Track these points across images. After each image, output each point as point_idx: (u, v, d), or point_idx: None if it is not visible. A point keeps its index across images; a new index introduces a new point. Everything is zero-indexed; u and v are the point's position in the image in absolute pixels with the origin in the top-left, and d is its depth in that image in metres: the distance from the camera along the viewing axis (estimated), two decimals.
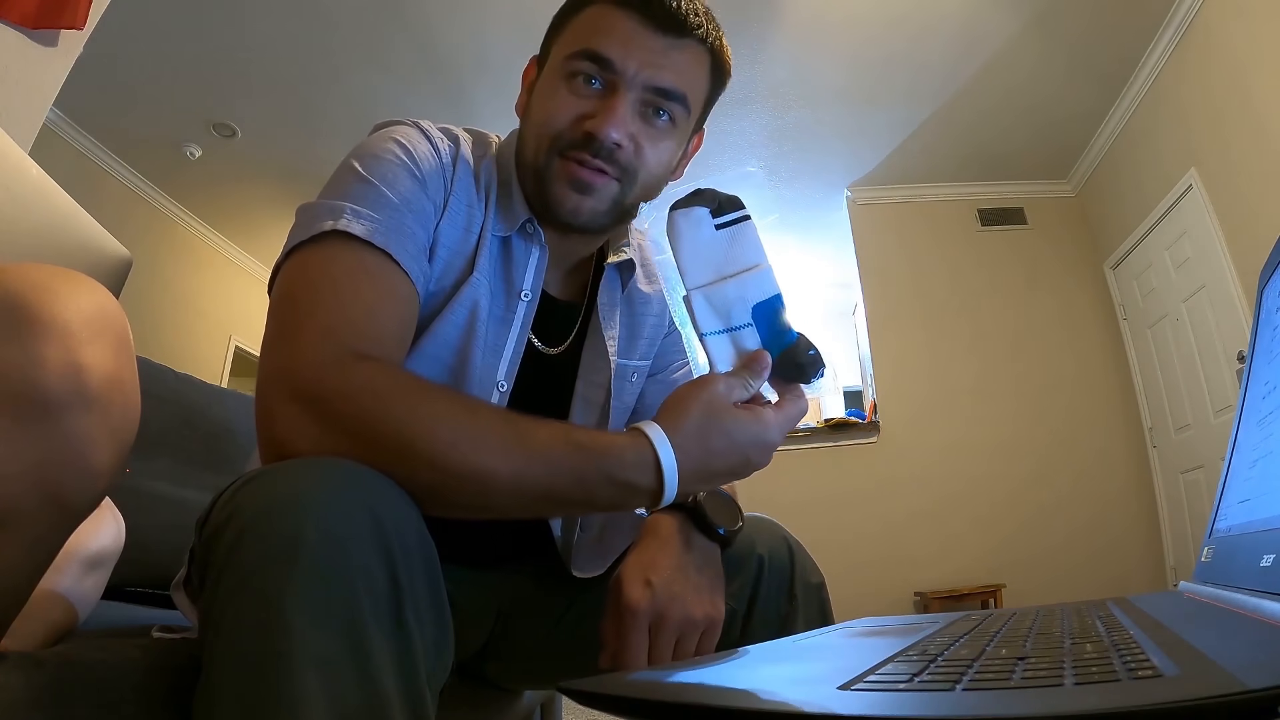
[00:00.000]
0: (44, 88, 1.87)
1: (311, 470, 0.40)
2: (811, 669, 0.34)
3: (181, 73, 3.31)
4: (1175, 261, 3.33)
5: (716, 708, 0.23)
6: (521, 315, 0.65)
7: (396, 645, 0.37)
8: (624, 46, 0.59)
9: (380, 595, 0.37)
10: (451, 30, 3.12)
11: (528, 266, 0.65)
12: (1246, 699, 0.16)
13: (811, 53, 3.28)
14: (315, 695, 0.33)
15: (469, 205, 0.64)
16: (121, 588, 0.92)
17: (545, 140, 0.61)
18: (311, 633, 0.34)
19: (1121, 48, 3.20)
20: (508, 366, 0.65)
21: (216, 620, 0.36)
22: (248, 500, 0.38)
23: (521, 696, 0.84)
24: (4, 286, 0.39)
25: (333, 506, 0.37)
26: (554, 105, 0.61)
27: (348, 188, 0.57)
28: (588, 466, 0.47)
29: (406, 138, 0.61)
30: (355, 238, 0.54)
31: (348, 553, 0.36)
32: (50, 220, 0.61)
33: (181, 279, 4.57)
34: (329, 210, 0.55)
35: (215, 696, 0.34)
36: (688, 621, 0.54)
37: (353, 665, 0.35)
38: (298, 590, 0.34)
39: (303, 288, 0.53)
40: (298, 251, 0.54)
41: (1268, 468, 0.45)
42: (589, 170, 0.60)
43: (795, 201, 4.55)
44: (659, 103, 0.61)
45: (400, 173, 0.59)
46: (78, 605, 0.66)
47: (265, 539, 0.36)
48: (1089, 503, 3.66)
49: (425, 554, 0.42)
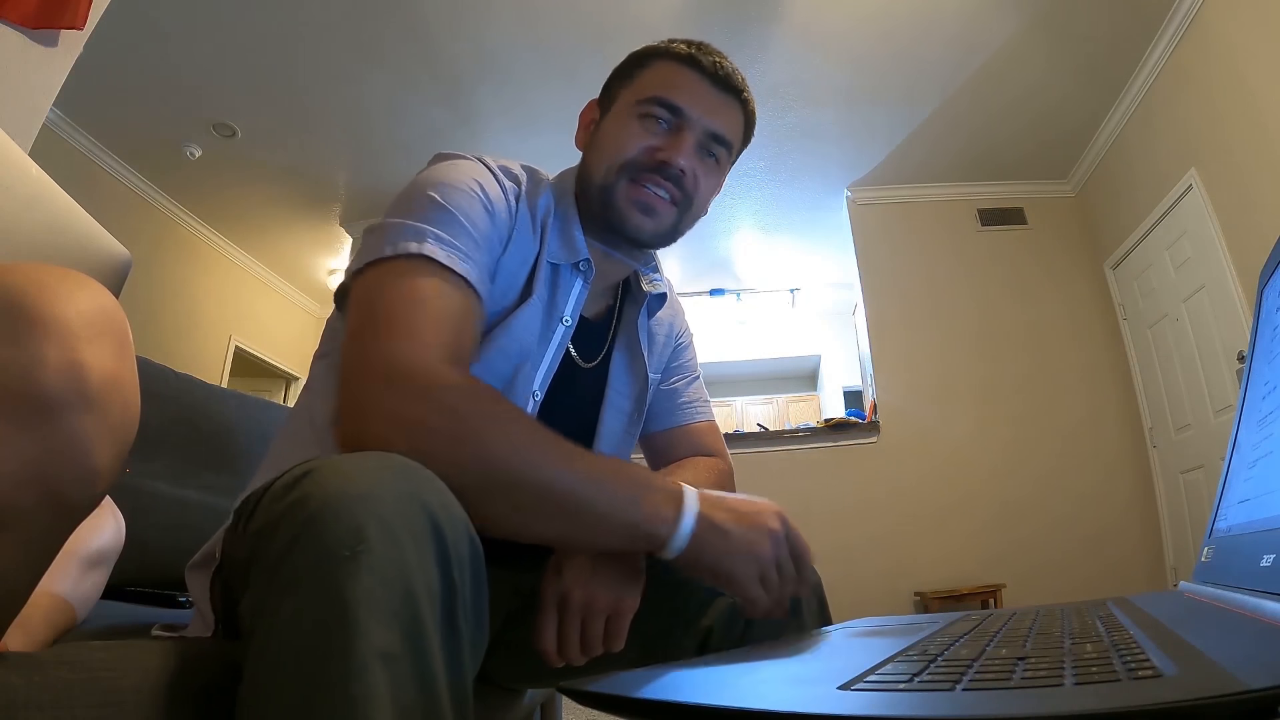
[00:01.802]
0: (44, 88, 1.87)
1: (370, 466, 0.40)
2: (811, 669, 0.35)
3: (181, 73, 3.31)
4: (1175, 261, 3.33)
5: (717, 708, 0.23)
6: (559, 336, 0.73)
7: (449, 644, 0.38)
8: (691, 97, 0.72)
9: (436, 594, 0.37)
10: (452, 31, 3.12)
11: (571, 295, 0.74)
12: (1246, 699, 0.16)
13: (811, 53, 3.28)
14: (380, 690, 0.33)
15: (527, 239, 0.71)
16: (121, 587, 0.92)
17: (616, 165, 0.72)
18: (376, 628, 0.34)
19: (1121, 48, 3.21)
20: (543, 378, 0.72)
21: (273, 613, 0.36)
22: (308, 496, 0.38)
23: (522, 696, 0.85)
24: (4, 286, 0.39)
25: (394, 504, 0.38)
26: (627, 137, 0.72)
27: (429, 214, 0.63)
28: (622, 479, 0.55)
29: (479, 175, 0.69)
30: (438, 262, 0.60)
31: (408, 551, 0.37)
32: (50, 220, 0.61)
33: (181, 279, 4.57)
34: (414, 232, 0.61)
35: (272, 691, 0.34)
36: (588, 608, 0.58)
37: (413, 662, 0.35)
38: (362, 586, 0.35)
39: (399, 296, 0.58)
40: (382, 264, 0.60)
41: (1268, 468, 0.45)
42: (656, 195, 0.71)
43: (795, 201, 4.55)
44: (711, 146, 0.74)
45: (476, 205, 0.66)
46: (78, 605, 0.66)
47: (328, 534, 0.36)
48: (1089, 503, 3.66)
49: (474, 556, 0.43)
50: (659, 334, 0.87)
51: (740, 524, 0.57)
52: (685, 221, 0.76)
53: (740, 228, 4.92)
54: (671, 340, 0.89)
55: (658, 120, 0.72)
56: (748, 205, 4.60)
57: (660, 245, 0.77)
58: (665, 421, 0.88)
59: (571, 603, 0.58)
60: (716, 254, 5.35)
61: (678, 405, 0.89)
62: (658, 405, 0.88)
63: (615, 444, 0.80)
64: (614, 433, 0.80)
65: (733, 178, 3.90)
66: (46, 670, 0.38)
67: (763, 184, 4.33)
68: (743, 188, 4.35)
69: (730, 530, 0.56)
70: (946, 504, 3.72)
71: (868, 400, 4.55)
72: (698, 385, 0.92)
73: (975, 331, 4.04)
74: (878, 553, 3.62)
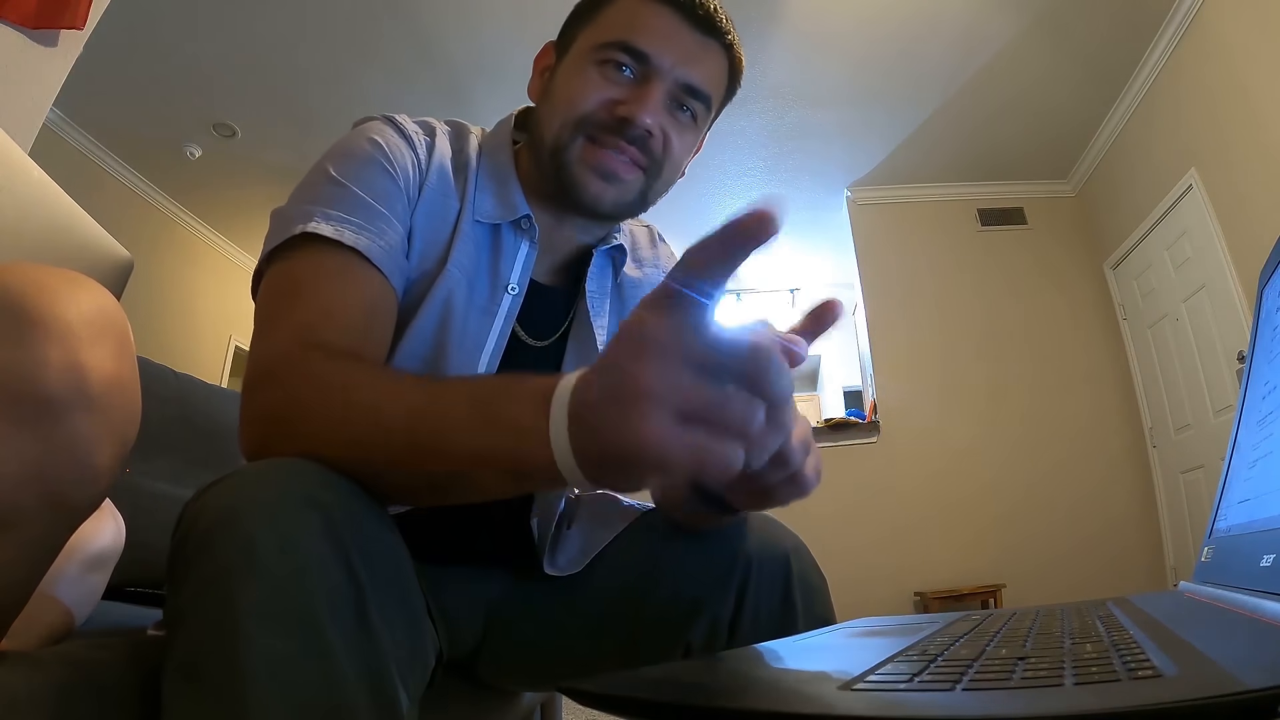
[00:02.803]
0: (44, 88, 1.87)
1: (262, 475, 0.40)
2: (811, 669, 0.34)
3: (181, 73, 3.31)
4: (1175, 261, 3.33)
5: (717, 708, 0.23)
6: (506, 308, 0.64)
7: (360, 641, 0.37)
8: (662, 40, 0.60)
9: (339, 594, 0.37)
10: (451, 30, 3.12)
11: (516, 259, 0.64)
12: (1246, 699, 0.16)
13: (811, 53, 3.28)
14: (271, 696, 0.33)
15: (444, 196, 0.63)
16: (121, 588, 0.92)
17: (570, 122, 0.61)
18: (265, 635, 0.34)
19: (1121, 48, 3.21)
20: (489, 360, 0.63)
21: (177, 628, 0.36)
22: (204, 510, 0.38)
23: (521, 696, 0.84)
24: (5, 287, 0.39)
25: (283, 508, 0.37)
26: (582, 88, 0.60)
27: (318, 190, 0.57)
28: (478, 392, 0.41)
29: (378, 132, 0.62)
30: (325, 239, 0.54)
31: (301, 553, 0.36)
32: (51, 221, 0.61)
33: (181, 279, 4.57)
34: (300, 214, 0.55)
35: (175, 701, 0.35)
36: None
37: (310, 664, 0.34)
38: (252, 595, 0.34)
39: (276, 291, 0.54)
40: (273, 257, 0.56)
41: (1268, 468, 0.45)
42: (620, 161, 0.60)
43: (795, 201, 4.54)
44: (685, 99, 0.62)
45: (372, 169, 0.59)
46: (77, 606, 0.66)
47: (219, 548, 0.36)
48: (1089, 503, 3.66)
49: (388, 550, 0.42)
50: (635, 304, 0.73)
51: (626, 388, 0.32)
52: (655, 189, 0.64)
53: None
54: None
55: (620, 68, 0.60)
56: (747, 205, 4.59)
57: (625, 216, 0.66)
58: None
59: None
60: None
61: None
62: None
63: None
64: None
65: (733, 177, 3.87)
66: (46, 670, 0.38)
67: (763, 184, 4.33)
68: (743, 188, 4.35)
69: (615, 409, 0.32)
70: (947, 503, 3.72)
71: (868, 400, 4.54)
72: None
73: (975, 331, 4.04)
74: (878, 552, 3.62)
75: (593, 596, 0.66)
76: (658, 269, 0.78)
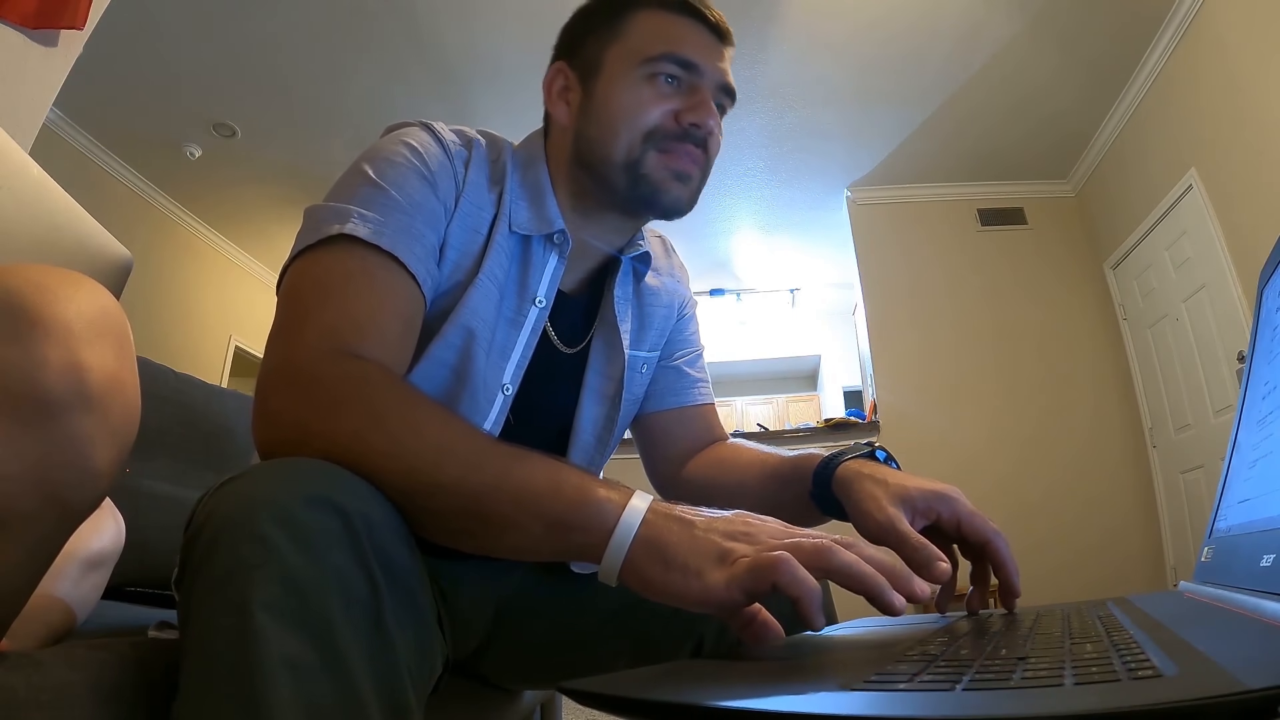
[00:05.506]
0: (44, 88, 1.87)
1: (281, 473, 0.40)
2: (812, 669, 0.34)
3: (181, 73, 3.31)
4: (1175, 261, 3.33)
5: (717, 708, 0.23)
6: (533, 320, 0.65)
7: (375, 646, 0.37)
8: (703, 49, 0.66)
9: (355, 596, 0.37)
10: (451, 30, 3.12)
11: (544, 272, 0.66)
12: (1246, 699, 0.16)
13: (812, 53, 3.28)
14: (287, 700, 0.33)
15: (480, 207, 0.64)
16: (121, 588, 0.92)
17: (639, 136, 0.64)
18: (281, 636, 0.34)
19: (1121, 48, 3.21)
20: (514, 370, 0.65)
21: (191, 626, 0.36)
22: (220, 506, 0.38)
23: (521, 696, 0.84)
24: (4, 287, 0.39)
25: (302, 509, 0.37)
26: (640, 102, 0.64)
27: (356, 191, 0.58)
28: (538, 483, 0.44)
29: (417, 139, 0.62)
30: (361, 240, 0.54)
31: (318, 555, 0.36)
32: (51, 221, 0.61)
33: (181, 279, 4.57)
34: (336, 213, 0.56)
35: (190, 702, 0.35)
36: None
37: (325, 668, 0.34)
38: (268, 595, 0.34)
39: (307, 288, 0.54)
40: (305, 254, 0.55)
41: (1268, 468, 0.45)
42: (688, 160, 0.65)
43: (795, 201, 4.55)
44: (722, 99, 0.68)
45: (409, 175, 0.59)
46: (77, 606, 0.66)
47: (236, 545, 0.36)
48: (1088, 503, 3.66)
49: (403, 552, 0.41)
50: (657, 305, 0.78)
51: (696, 542, 0.42)
52: (704, 183, 0.69)
53: (740, 228, 4.92)
54: (674, 311, 0.81)
55: (669, 79, 0.65)
56: (748, 205, 4.59)
57: (685, 213, 0.69)
58: (666, 401, 0.80)
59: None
60: (716, 254, 5.35)
61: (681, 384, 0.81)
62: (659, 383, 0.79)
63: (595, 433, 0.73)
64: (595, 421, 0.73)
65: (733, 177, 3.87)
66: (46, 670, 0.37)
67: (763, 184, 4.33)
68: (743, 188, 4.36)
69: (679, 548, 0.41)
70: None
71: (868, 400, 4.55)
72: (701, 361, 0.84)
73: (975, 331, 4.04)
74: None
75: (605, 594, 0.66)
76: (673, 278, 0.81)
